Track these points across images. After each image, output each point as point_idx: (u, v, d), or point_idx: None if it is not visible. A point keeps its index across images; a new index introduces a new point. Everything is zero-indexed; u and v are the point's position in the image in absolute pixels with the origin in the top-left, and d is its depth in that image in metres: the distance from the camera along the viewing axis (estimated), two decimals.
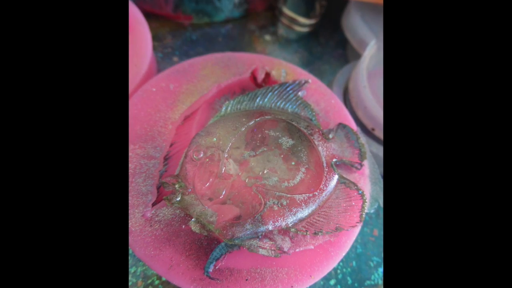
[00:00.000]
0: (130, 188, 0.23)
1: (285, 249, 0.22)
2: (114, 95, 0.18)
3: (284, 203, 0.22)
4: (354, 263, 0.31)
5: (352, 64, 0.38)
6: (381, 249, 0.31)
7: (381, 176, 0.27)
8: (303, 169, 0.24)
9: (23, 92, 0.17)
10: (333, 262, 0.23)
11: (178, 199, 0.22)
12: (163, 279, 0.28)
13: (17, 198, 0.16)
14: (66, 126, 0.17)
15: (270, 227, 0.22)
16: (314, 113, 0.27)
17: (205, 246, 0.22)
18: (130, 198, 0.23)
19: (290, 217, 0.22)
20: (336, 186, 0.24)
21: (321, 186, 0.24)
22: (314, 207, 0.23)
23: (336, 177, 0.24)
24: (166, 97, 0.27)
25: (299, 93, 0.28)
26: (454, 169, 0.18)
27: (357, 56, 0.38)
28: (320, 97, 0.29)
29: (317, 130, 0.26)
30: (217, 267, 0.22)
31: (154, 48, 0.40)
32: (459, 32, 0.19)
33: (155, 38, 0.41)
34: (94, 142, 0.18)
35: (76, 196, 0.17)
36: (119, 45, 0.19)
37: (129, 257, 0.29)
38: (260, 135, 0.25)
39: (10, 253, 0.16)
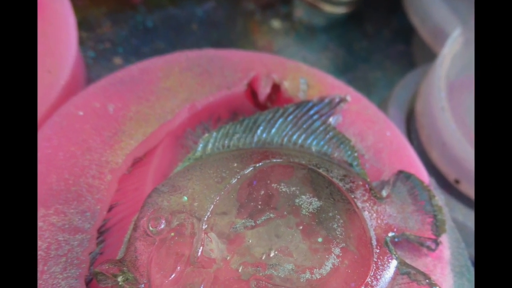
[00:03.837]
0: (39, 282, 0.24)
1: None
2: (12, 123, 0.19)
3: None
4: None
5: (421, 70, 0.39)
6: None
7: (472, 262, 0.28)
8: (337, 250, 0.24)
9: None
10: None
11: None
12: None
13: None
14: None
15: None
16: (356, 154, 0.28)
17: None
18: None
19: None
20: (394, 278, 0.24)
21: (368, 279, 0.24)
22: None
23: (394, 263, 0.25)
24: (102, 126, 0.28)
25: (331, 120, 0.29)
26: None
27: (430, 56, 0.39)
28: (367, 126, 0.30)
29: (361, 183, 0.27)
30: None
31: (82, 43, 0.41)
32: None
33: (83, 25, 0.43)
34: None
35: None
36: (21, 38, 0.19)
37: None
38: (263, 192, 0.25)
39: None
